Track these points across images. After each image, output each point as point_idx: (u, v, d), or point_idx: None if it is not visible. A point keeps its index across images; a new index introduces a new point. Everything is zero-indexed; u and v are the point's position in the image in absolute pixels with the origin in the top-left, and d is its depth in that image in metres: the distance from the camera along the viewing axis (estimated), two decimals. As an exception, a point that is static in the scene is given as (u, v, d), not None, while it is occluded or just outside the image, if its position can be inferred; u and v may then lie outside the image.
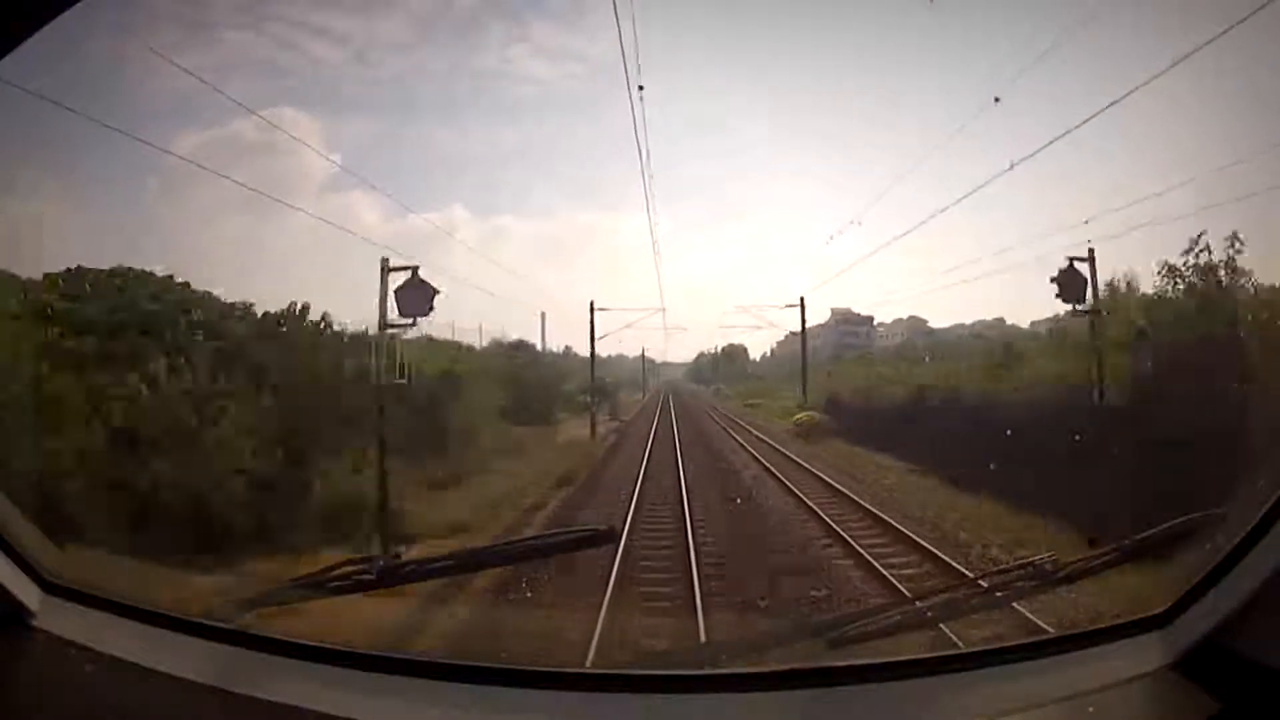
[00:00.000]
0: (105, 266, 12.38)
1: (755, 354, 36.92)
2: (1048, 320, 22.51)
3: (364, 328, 13.43)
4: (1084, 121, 12.89)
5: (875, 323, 29.90)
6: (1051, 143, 13.75)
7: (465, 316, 21.32)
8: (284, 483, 10.17)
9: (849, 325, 29.80)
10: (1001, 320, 24.46)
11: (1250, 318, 11.03)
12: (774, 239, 36.31)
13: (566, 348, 27.31)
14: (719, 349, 37.96)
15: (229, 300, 13.26)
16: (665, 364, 38.44)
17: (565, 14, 25.58)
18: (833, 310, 30.38)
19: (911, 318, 28.44)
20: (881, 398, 20.64)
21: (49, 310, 10.74)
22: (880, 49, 29.71)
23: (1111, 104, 12.20)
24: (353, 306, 20.85)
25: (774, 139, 32.04)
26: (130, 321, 11.35)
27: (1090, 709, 1.57)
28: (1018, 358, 16.94)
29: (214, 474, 9.70)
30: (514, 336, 23.55)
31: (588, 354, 25.23)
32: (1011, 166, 13.64)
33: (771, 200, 32.62)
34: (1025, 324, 23.18)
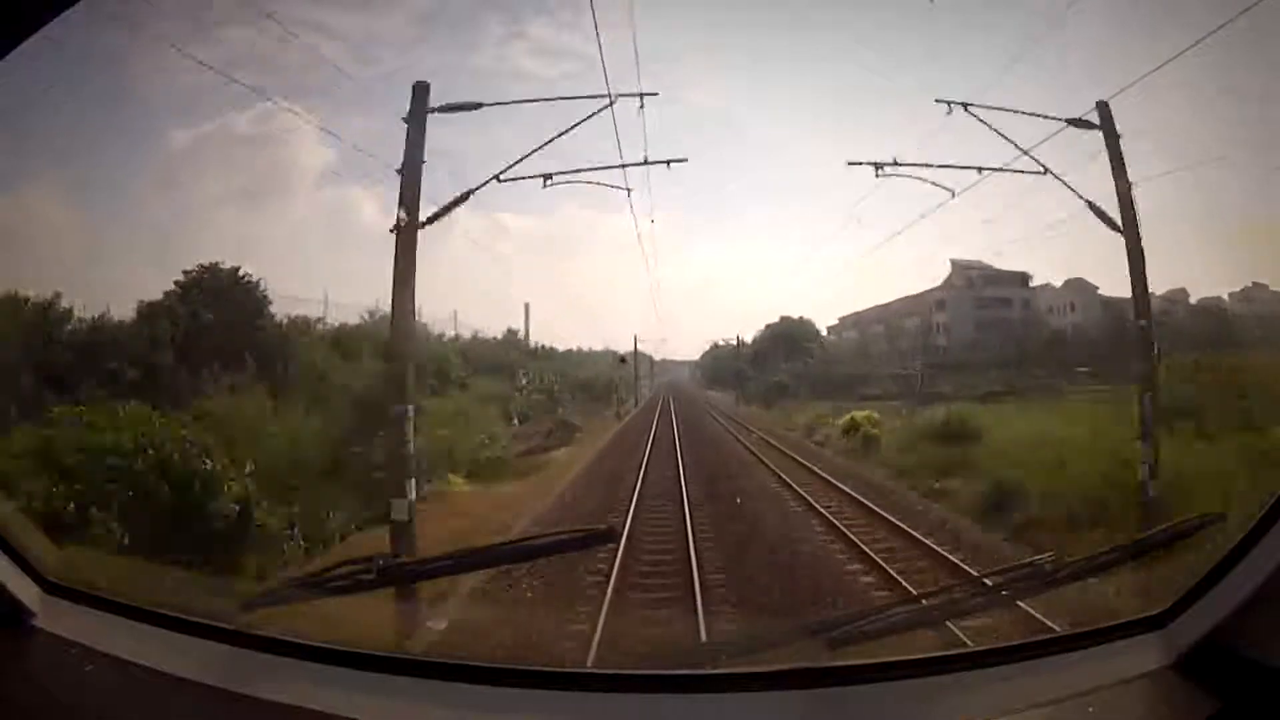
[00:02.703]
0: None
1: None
2: (1239, 294, 16.54)
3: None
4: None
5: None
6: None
7: (464, 310, 21.19)
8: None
9: (992, 286, 19.21)
10: (1184, 291, 17.87)
11: None
12: (776, 233, 34.92)
13: (475, 333, 21.20)
14: (772, 322, 24.54)
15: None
16: (665, 361, 32.79)
17: (563, 12, 25.54)
18: (954, 263, 19.56)
19: (1072, 282, 19.06)
20: None
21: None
22: (880, 37, 29.25)
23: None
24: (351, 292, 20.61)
25: (777, 133, 31.49)
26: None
27: (1090, 709, 1.57)
28: None
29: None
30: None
31: (549, 345, 20.81)
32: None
33: (773, 195, 32.23)
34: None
